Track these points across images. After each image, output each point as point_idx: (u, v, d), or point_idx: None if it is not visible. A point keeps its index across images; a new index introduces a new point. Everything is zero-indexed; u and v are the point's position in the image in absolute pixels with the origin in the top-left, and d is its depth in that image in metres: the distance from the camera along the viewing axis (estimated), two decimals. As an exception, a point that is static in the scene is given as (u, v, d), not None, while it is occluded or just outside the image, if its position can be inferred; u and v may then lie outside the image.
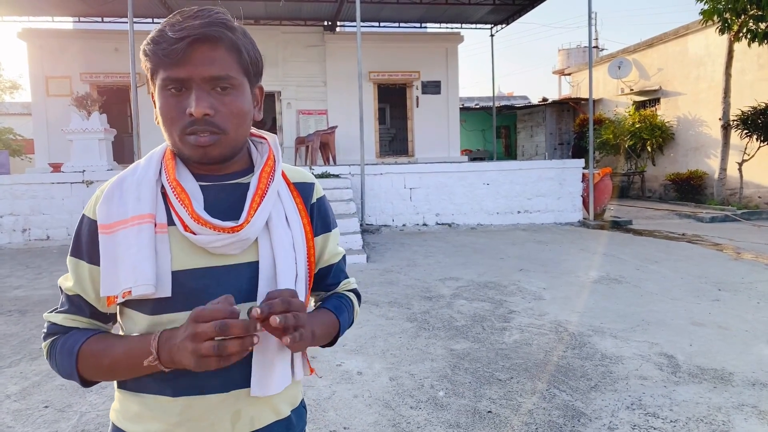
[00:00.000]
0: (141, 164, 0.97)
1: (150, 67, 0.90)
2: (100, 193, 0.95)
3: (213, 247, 0.91)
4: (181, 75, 0.87)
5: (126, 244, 0.89)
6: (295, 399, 1.06)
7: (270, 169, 0.98)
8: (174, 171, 0.93)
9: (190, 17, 0.88)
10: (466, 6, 13.38)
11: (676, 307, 4.83)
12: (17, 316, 4.98)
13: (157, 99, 0.91)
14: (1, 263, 7.67)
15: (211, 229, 0.89)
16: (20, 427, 2.90)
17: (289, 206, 1.00)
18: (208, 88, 0.88)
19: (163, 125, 0.92)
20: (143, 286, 0.87)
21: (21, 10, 12.60)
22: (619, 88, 17.35)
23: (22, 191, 9.17)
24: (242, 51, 0.91)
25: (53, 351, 0.95)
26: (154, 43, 0.87)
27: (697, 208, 12.67)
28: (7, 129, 18.22)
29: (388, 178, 10.18)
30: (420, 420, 2.90)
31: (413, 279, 6.12)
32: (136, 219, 0.90)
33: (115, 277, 0.90)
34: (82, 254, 0.94)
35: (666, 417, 2.86)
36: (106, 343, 0.92)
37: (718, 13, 10.62)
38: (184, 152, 0.92)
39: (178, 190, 0.91)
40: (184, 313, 0.89)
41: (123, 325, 0.98)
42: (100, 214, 0.92)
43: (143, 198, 0.91)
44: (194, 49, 0.87)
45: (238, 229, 0.90)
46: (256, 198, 0.94)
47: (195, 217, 0.89)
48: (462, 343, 4.03)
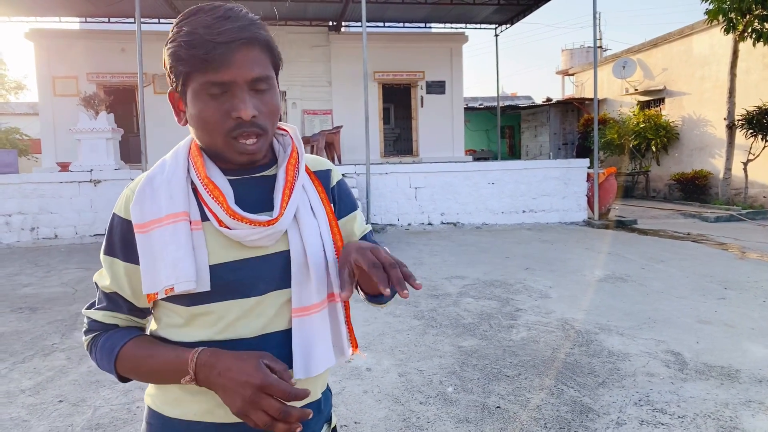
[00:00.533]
0: (168, 162, 0.98)
1: (183, 72, 0.89)
2: (130, 193, 0.97)
3: (249, 240, 0.93)
4: (224, 78, 0.87)
5: (163, 243, 0.91)
6: (325, 380, 1.09)
7: (295, 161, 1.01)
8: (204, 168, 0.95)
9: (223, 18, 0.87)
10: (471, 6, 13.40)
11: (682, 306, 4.85)
12: (28, 313, 5.04)
13: (193, 103, 0.91)
14: (11, 261, 7.74)
15: (247, 224, 0.91)
16: (35, 421, 2.95)
17: (313, 195, 1.03)
18: (248, 89, 0.90)
19: (201, 128, 0.92)
20: (185, 283, 0.90)
21: (28, 10, 12.68)
22: (624, 88, 17.34)
23: (30, 190, 9.24)
24: (274, 49, 0.94)
25: (94, 347, 0.99)
26: (191, 47, 0.86)
27: (701, 207, 12.66)
28: (13, 129, 18.31)
29: (394, 178, 10.22)
30: (430, 415, 2.93)
31: (420, 277, 6.16)
32: (170, 217, 0.92)
33: (155, 274, 0.92)
34: (116, 253, 0.96)
35: (674, 413, 2.89)
36: (145, 351, 0.95)
37: (723, 13, 10.63)
38: (226, 154, 0.93)
39: (210, 188, 0.93)
40: (220, 303, 0.93)
41: (159, 317, 1.01)
42: (134, 214, 0.93)
43: (175, 196, 0.93)
44: (236, 51, 0.87)
45: (273, 223, 0.93)
46: (286, 191, 0.96)
47: (231, 213, 0.91)
48: (469, 340, 4.06)
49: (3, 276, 6.76)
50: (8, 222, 9.16)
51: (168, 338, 0.97)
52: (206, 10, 0.90)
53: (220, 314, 0.94)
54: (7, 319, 4.86)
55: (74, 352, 3.99)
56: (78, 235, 9.38)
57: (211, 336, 0.94)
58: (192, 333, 0.95)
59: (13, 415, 3.01)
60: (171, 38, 0.90)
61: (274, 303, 0.96)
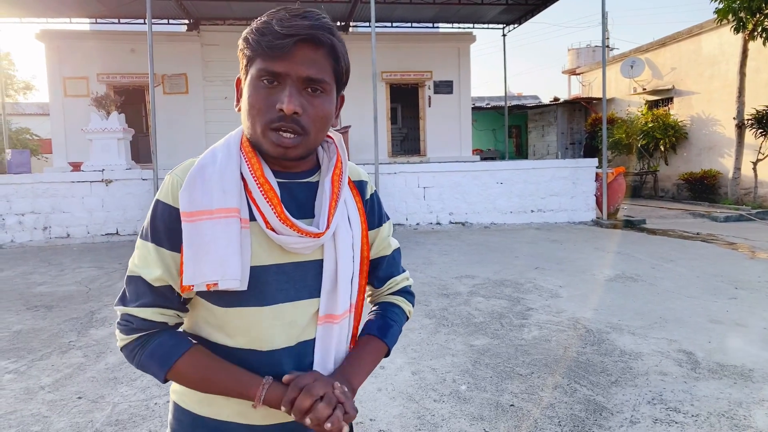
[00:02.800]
0: (219, 152, 0.96)
1: (248, 55, 0.92)
2: (177, 179, 0.94)
3: (291, 247, 0.94)
4: (279, 69, 0.89)
5: (212, 236, 0.90)
6: None
7: (340, 171, 1.01)
8: (261, 167, 0.94)
9: (299, 16, 0.90)
10: (479, 6, 13.41)
11: (694, 305, 4.85)
12: (44, 311, 5.10)
13: (247, 87, 0.93)
14: (24, 260, 7.82)
15: (296, 232, 0.92)
16: (56, 417, 3.00)
17: (351, 206, 1.04)
18: (301, 87, 0.90)
19: (248, 114, 0.93)
20: (230, 281, 0.90)
21: (39, 11, 12.79)
22: (632, 87, 17.29)
23: (42, 190, 9.34)
24: (340, 58, 0.94)
25: (141, 350, 0.95)
26: (260, 34, 0.89)
27: (711, 207, 12.62)
28: (24, 129, 18.49)
29: (402, 177, 10.25)
30: (444, 413, 2.96)
31: (429, 277, 6.18)
32: (223, 212, 0.91)
33: (198, 267, 0.90)
34: (163, 241, 0.93)
35: (687, 412, 2.90)
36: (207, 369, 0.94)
37: (733, 12, 10.59)
38: (263, 146, 0.93)
39: (266, 188, 0.93)
40: (255, 308, 0.93)
41: (191, 311, 1.00)
42: (182, 200, 0.91)
43: (228, 191, 0.92)
44: (298, 47, 0.89)
45: (320, 235, 0.94)
46: (332, 204, 0.97)
47: (283, 218, 0.91)
48: (481, 339, 4.09)
49: (17, 275, 6.85)
50: (21, 221, 9.26)
51: (204, 338, 0.98)
52: (288, 8, 0.92)
53: (252, 317, 0.94)
54: (23, 317, 4.92)
55: (91, 350, 4.04)
56: (90, 234, 9.47)
57: (242, 344, 0.95)
58: (228, 338, 0.96)
59: (33, 411, 3.06)
60: (250, 26, 0.93)
61: (303, 312, 0.97)
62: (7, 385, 3.44)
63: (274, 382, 0.92)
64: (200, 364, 0.94)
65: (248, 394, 0.91)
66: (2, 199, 9.23)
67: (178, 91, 13.50)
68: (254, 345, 0.95)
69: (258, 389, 0.90)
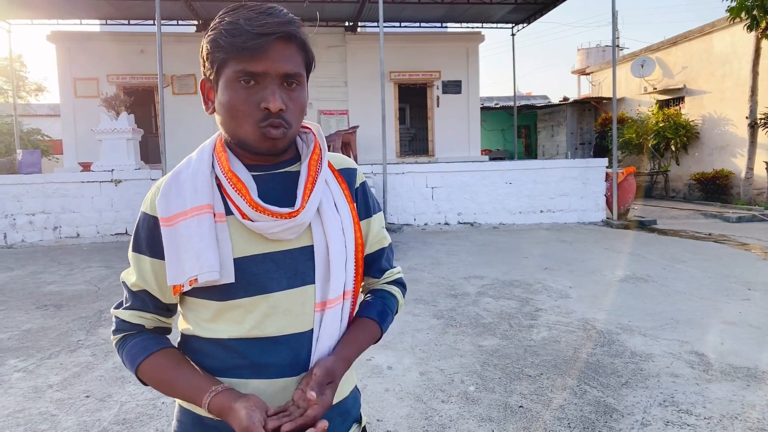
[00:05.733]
0: (194, 157, 1.01)
1: (220, 58, 0.92)
2: (156, 189, 0.99)
3: (271, 233, 0.95)
4: (257, 69, 0.90)
5: (188, 235, 0.93)
6: (351, 380, 1.10)
7: (317, 157, 1.02)
8: (228, 162, 0.97)
9: (264, 14, 0.91)
10: (488, 5, 13.35)
11: (706, 306, 4.79)
12: (53, 311, 5.13)
13: (224, 90, 0.93)
14: (34, 260, 7.88)
15: (269, 216, 0.93)
16: (64, 416, 3.00)
17: (337, 192, 1.04)
18: (279, 83, 0.92)
19: (230, 116, 0.94)
20: (208, 273, 0.92)
21: (50, 13, 12.89)
22: (642, 86, 17.15)
23: (53, 190, 9.40)
24: (308, 50, 0.97)
25: (122, 349, 1.02)
26: (231, 36, 0.90)
27: (722, 208, 12.48)
28: (35, 130, 18.65)
29: (410, 177, 10.22)
30: (452, 413, 2.93)
31: (437, 277, 6.15)
32: (195, 210, 0.94)
33: (179, 266, 0.94)
34: (143, 249, 0.99)
35: (699, 414, 2.86)
36: (165, 374, 0.97)
37: (746, 10, 10.47)
38: (250, 143, 0.95)
39: (234, 180, 0.95)
40: (247, 299, 0.95)
41: (187, 314, 1.03)
42: (159, 208, 0.95)
43: (200, 189, 0.95)
44: (272, 45, 0.90)
45: (294, 215, 0.94)
46: (308, 185, 0.98)
47: (253, 205, 0.93)
48: (490, 340, 4.06)
49: (27, 274, 6.89)
50: (32, 221, 9.33)
51: (199, 336, 0.99)
52: (249, 6, 0.93)
53: (247, 309, 0.95)
54: (33, 316, 4.95)
55: (99, 349, 4.05)
56: (99, 234, 9.52)
57: (240, 334, 0.96)
58: (221, 329, 0.97)
59: (42, 410, 3.07)
60: (212, 27, 0.94)
61: (299, 300, 0.97)
62: (16, 383, 3.46)
63: (225, 390, 0.91)
64: (161, 367, 0.98)
65: (197, 400, 0.93)
66: (13, 199, 9.30)
67: (187, 91, 13.56)
68: (250, 335, 0.96)
69: (205, 396, 0.91)
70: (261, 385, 0.96)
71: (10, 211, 9.29)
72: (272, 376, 0.96)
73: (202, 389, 0.92)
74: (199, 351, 1.00)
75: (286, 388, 0.96)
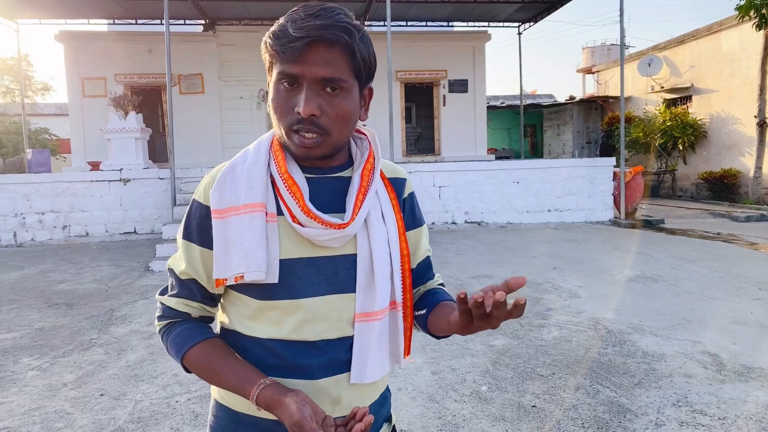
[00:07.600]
0: (250, 152, 1.00)
1: (268, 60, 0.94)
2: (211, 179, 0.99)
3: (319, 240, 0.95)
4: (294, 72, 0.89)
5: (238, 231, 0.93)
6: (384, 382, 1.11)
7: (371, 166, 1.01)
8: (285, 163, 0.97)
9: (312, 15, 0.88)
10: (495, 5, 13.32)
11: (717, 306, 4.77)
12: (65, 309, 5.16)
13: (271, 90, 0.95)
14: (44, 259, 7.93)
15: (320, 224, 0.93)
16: (79, 414, 3.02)
17: (385, 202, 1.04)
18: (318, 88, 0.90)
19: (274, 116, 0.95)
20: (255, 272, 0.92)
21: (58, 13, 12.95)
22: (649, 85, 17.08)
23: (62, 189, 9.45)
24: (356, 54, 0.91)
25: (166, 336, 1.02)
26: (275, 38, 0.90)
27: (731, 207, 12.42)
28: (42, 129, 18.77)
29: (417, 177, 10.21)
30: (465, 413, 2.94)
31: (446, 276, 6.15)
32: (248, 207, 0.94)
33: (227, 261, 0.94)
34: (193, 237, 0.99)
35: (714, 414, 2.85)
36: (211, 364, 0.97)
37: (755, 9, 10.41)
38: (289, 146, 0.96)
39: (289, 183, 0.95)
40: (287, 301, 0.95)
41: (228, 307, 1.03)
42: (213, 199, 0.95)
43: (255, 187, 0.95)
44: (311, 48, 0.88)
45: (344, 227, 0.94)
46: (359, 196, 0.97)
47: (306, 210, 0.93)
48: (501, 340, 4.06)
49: (38, 273, 6.94)
50: (41, 220, 9.38)
51: (239, 332, 1.00)
52: (305, 6, 0.92)
53: (286, 311, 0.95)
54: (45, 315, 4.98)
55: (112, 347, 4.08)
56: (108, 233, 9.56)
57: (280, 336, 0.96)
58: (260, 328, 0.97)
59: (57, 408, 3.10)
60: (271, 29, 0.94)
61: (337, 306, 0.97)
62: (31, 381, 3.48)
63: (273, 384, 0.91)
64: (209, 356, 0.98)
65: (244, 392, 0.92)
66: (23, 198, 9.35)
67: (195, 91, 13.59)
68: (289, 338, 0.96)
69: (253, 388, 0.91)
70: (300, 384, 0.96)
71: (20, 210, 9.34)
72: (312, 377, 0.97)
73: (251, 381, 0.92)
74: (239, 347, 1.00)
75: (327, 387, 0.97)
